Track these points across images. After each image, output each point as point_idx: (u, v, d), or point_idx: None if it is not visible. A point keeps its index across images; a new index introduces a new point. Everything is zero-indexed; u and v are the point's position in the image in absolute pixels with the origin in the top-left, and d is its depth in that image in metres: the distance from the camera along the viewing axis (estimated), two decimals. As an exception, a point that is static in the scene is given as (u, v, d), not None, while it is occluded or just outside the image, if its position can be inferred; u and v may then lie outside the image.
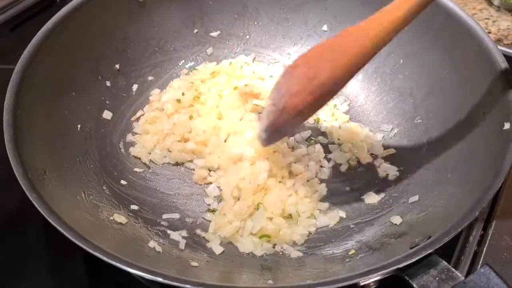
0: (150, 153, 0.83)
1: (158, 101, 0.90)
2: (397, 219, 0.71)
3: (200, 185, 0.80)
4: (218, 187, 0.79)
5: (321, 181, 0.80)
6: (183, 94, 0.89)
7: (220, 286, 0.53)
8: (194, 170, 0.82)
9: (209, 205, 0.77)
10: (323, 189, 0.78)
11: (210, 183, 0.80)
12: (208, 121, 0.85)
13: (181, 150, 0.82)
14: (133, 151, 0.84)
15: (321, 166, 0.82)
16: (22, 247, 0.74)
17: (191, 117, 0.85)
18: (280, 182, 0.77)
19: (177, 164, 0.83)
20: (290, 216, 0.74)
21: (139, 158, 0.83)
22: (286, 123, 0.69)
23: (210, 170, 0.81)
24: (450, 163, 0.71)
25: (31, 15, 1.08)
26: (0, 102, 0.71)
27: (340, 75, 0.67)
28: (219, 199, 0.77)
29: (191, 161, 0.83)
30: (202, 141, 0.82)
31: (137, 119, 0.88)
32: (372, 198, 0.77)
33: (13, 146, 0.64)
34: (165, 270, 0.54)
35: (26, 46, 0.75)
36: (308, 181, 0.78)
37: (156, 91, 0.92)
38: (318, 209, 0.76)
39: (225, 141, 0.83)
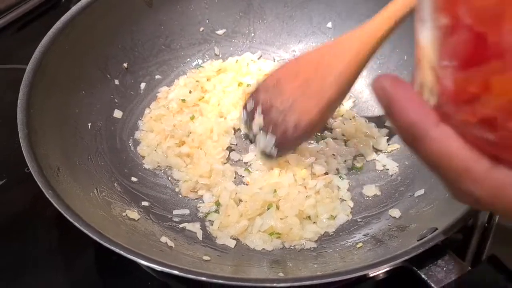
0: (155, 150, 0.84)
1: (165, 98, 0.91)
2: (395, 212, 0.73)
3: (192, 200, 0.79)
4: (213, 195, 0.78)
5: (342, 176, 0.81)
6: (190, 92, 0.90)
7: (234, 278, 0.55)
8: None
9: (207, 212, 0.77)
10: (345, 185, 0.79)
11: (201, 196, 0.78)
12: (207, 122, 0.85)
13: (176, 154, 0.82)
14: (140, 150, 0.85)
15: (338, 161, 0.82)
16: (31, 246, 0.75)
17: (192, 118, 0.86)
18: (300, 185, 0.76)
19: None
20: (308, 217, 0.74)
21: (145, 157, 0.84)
22: (295, 141, 0.76)
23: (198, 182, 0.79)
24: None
25: (38, 14, 1.09)
26: (10, 100, 0.73)
27: (345, 86, 0.72)
28: (216, 204, 0.77)
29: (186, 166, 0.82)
30: (197, 146, 0.82)
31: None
32: (370, 191, 0.78)
33: (28, 144, 0.65)
34: (179, 264, 0.56)
35: (34, 46, 0.76)
36: (330, 182, 0.78)
37: (164, 89, 0.93)
38: (340, 198, 0.77)
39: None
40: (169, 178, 0.82)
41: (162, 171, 0.83)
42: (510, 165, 0.29)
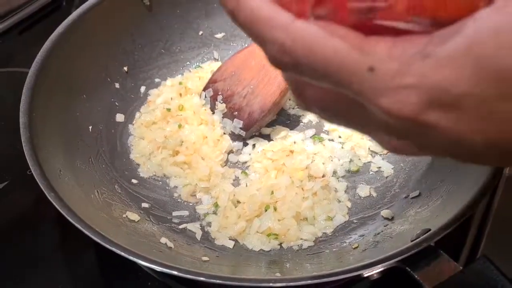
0: (150, 159, 0.84)
1: (154, 102, 0.91)
2: (390, 213, 0.74)
3: (191, 203, 0.79)
4: (212, 197, 0.79)
5: (339, 178, 0.82)
6: (171, 99, 0.89)
7: (231, 278, 0.56)
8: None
9: (206, 214, 0.78)
10: (342, 187, 0.80)
11: (200, 199, 0.79)
12: (197, 130, 0.85)
13: (172, 164, 0.82)
14: (134, 157, 0.84)
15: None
16: (33, 247, 0.76)
17: (180, 126, 0.85)
18: (297, 186, 0.77)
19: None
20: (305, 219, 0.75)
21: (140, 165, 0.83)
22: (261, 121, 0.84)
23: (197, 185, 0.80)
24: (450, 159, 0.73)
25: (39, 18, 1.11)
26: (12, 103, 0.74)
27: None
28: (214, 205, 0.78)
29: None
30: (192, 153, 0.82)
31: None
32: (364, 192, 0.79)
33: (30, 147, 0.66)
34: (178, 264, 0.57)
35: (36, 49, 0.77)
36: (327, 184, 0.79)
37: (155, 91, 0.93)
38: (337, 200, 0.78)
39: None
40: (168, 182, 0.82)
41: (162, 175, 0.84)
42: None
